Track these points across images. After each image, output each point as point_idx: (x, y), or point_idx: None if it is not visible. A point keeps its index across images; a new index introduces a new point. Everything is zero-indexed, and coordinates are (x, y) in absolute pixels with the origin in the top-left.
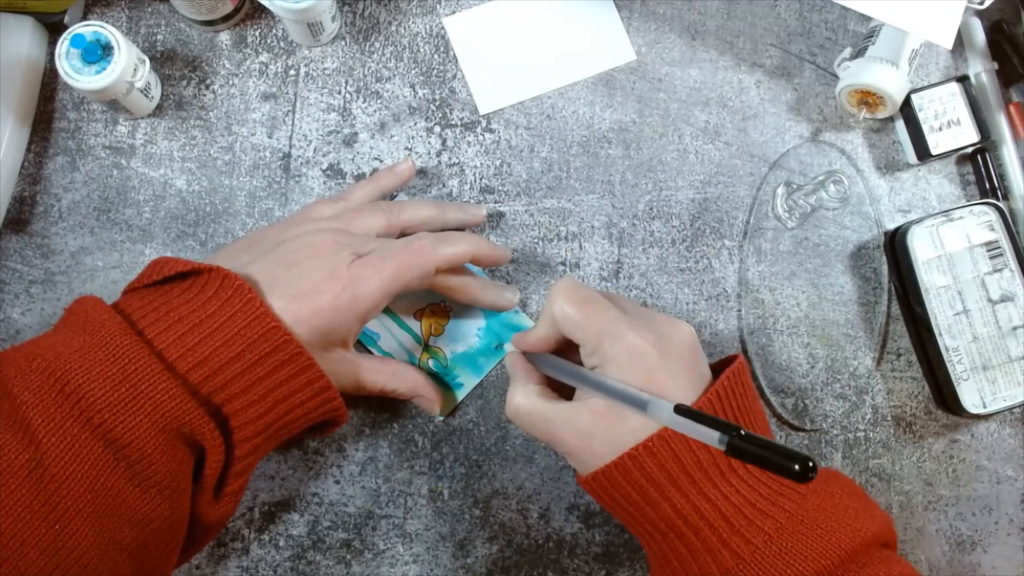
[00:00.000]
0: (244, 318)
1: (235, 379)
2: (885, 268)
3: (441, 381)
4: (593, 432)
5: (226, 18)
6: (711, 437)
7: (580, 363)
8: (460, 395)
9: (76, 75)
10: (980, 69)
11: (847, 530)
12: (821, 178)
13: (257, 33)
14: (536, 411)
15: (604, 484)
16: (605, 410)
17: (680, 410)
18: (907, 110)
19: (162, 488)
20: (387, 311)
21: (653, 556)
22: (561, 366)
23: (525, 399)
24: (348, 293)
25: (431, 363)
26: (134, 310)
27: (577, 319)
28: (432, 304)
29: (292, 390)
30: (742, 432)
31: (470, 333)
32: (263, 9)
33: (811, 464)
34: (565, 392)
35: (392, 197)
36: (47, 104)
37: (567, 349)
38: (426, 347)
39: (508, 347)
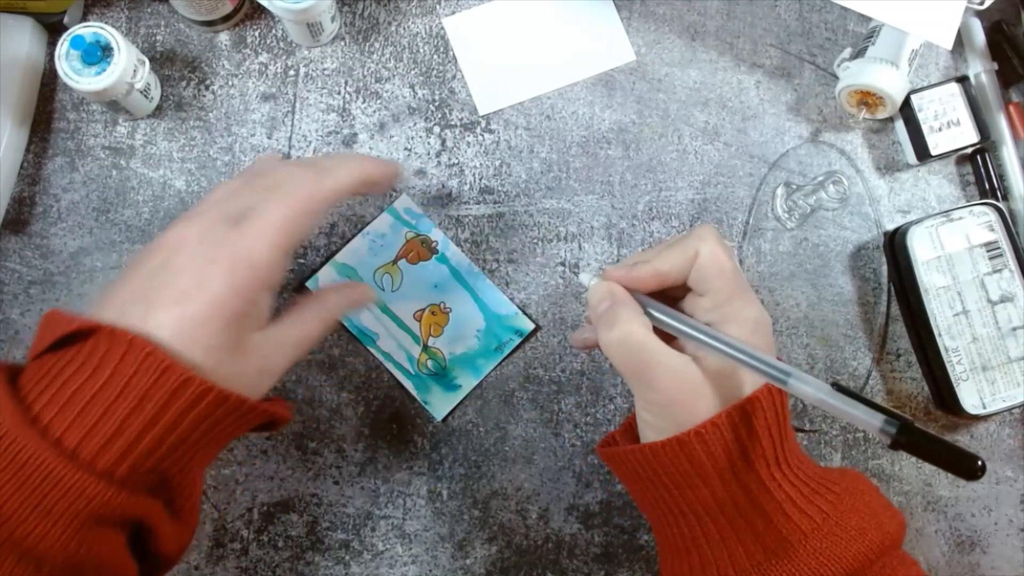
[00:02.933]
0: (148, 376)
1: (158, 446)
2: (885, 268)
3: (440, 382)
4: (700, 391)
5: (225, 18)
6: (870, 423)
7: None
8: (458, 397)
9: (76, 76)
10: (980, 69)
11: (876, 531)
12: (821, 178)
13: (257, 33)
14: (648, 346)
15: (663, 457)
16: (718, 373)
17: (840, 388)
18: (907, 110)
19: (100, 571)
20: (386, 311)
21: (675, 539)
22: (683, 318)
23: (641, 329)
24: (241, 268)
25: (430, 364)
26: (31, 387)
27: (728, 268)
28: (432, 305)
29: (224, 429)
30: (913, 423)
31: (469, 335)
32: (263, 9)
33: (980, 463)
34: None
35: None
36: (46, 105)
37: (659, 297)
38: (425, 348)
39: (591, 279)
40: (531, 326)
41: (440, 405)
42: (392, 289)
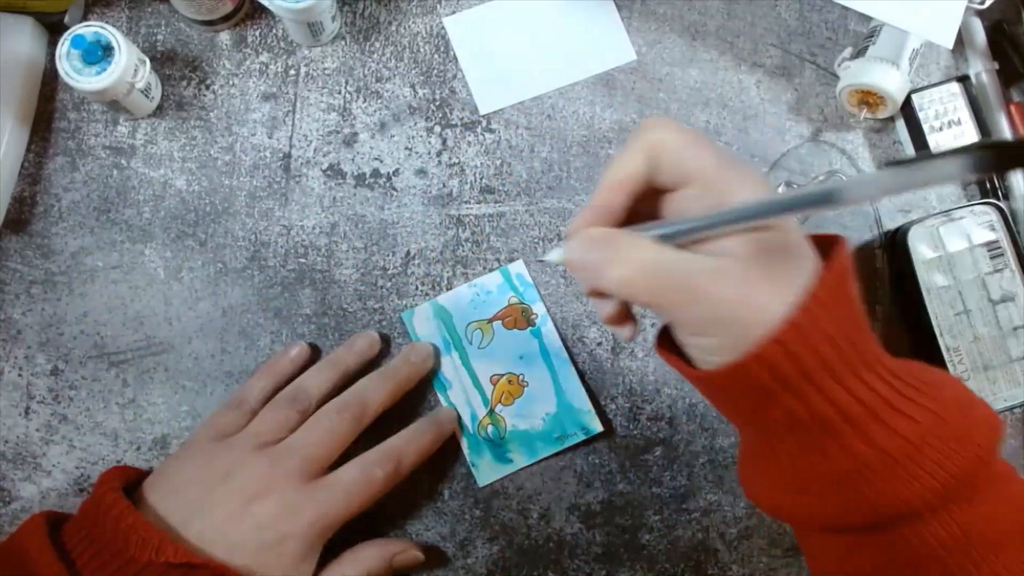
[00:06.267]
0: None
1: None
2: (885, 268)
3: (493, 451)
4: (752, 277)
5: (226, 18)
6: (952, 169)
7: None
8: (506, 470)
9: (77, 76)
10: (980, 69)
11: (988, 427)
12: (821, 178)
13: (257, 33)
14: (675, 262)
15: (768, 362)
16: (758, 253)
17: (893, 163)
18: (907, 110)
19: None
20: (466, 365)
21: (758, 445)
22: (680, 220)
23: (653, 250)
24: (318, 527)
25: (490, 429)
26: None
27: (690, 143)
28: (511, 374)
29: None
30: (991, 141)
31: (537, 415)
32: (263, 9)
33: None
34: None
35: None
36: (47, 104)
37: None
38: (491, 412)
39: (559, 248)
40: (600, 428)
41: (486, 472)
42: (479, 346)
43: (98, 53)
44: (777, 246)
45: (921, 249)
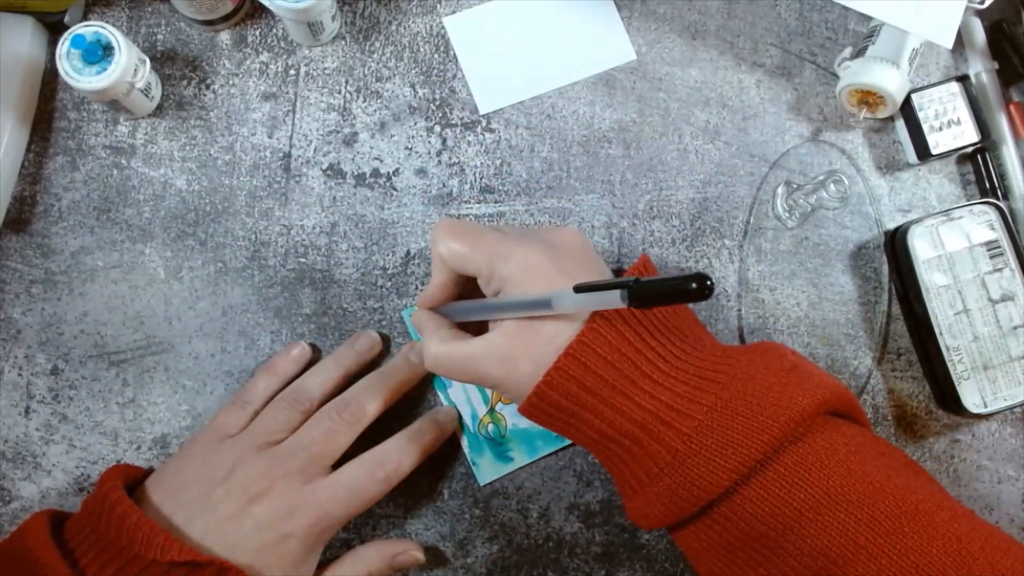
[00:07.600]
0: None
1: None
2: (885, 268)
3: (494, 449)
4: (513, 354)
5: (226, 18)
6: (614, 299)
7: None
8: (508, 468)
9: (77, 75)
10: (980, 69)
11: (780, 407)
12: (821, 178)
13: (257, 33)
14: (455, 352)
15: (542, 406)
16: (518, 328)
17: (579, 288)
18: (907, 110)
19: None
20: None
21: (604, 462)
22: (465, 306)
23: (440, 344)
24: (319, 527)
25: (490, 428)
26: None
27: (464, 250)
28: None
29: None
30: (639, 280)
31: None
32: (263, 9)
33: (707, 281)
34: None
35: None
36: (47, 104)
37: (471, 293)
38: (491, 411)
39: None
40: None
41: (487, 471)
42: None
43: (98, 53)
44: (538, 319)
45: (921, 248)
